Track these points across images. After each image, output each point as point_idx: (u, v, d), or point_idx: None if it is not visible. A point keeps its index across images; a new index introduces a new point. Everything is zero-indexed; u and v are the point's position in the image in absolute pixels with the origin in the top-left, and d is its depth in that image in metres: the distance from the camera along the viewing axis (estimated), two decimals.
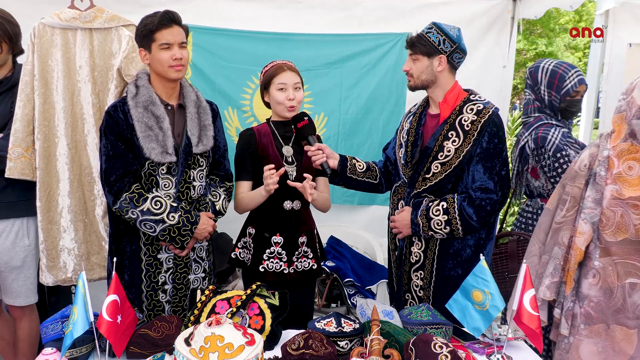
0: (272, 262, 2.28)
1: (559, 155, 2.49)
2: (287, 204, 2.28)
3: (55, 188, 2.55)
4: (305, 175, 2.19)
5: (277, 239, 2.29)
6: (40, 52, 2.48)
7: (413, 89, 2.28)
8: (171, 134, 2.11)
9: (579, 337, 1.97)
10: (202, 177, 2.22)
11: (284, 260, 2.29)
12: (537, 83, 2.61)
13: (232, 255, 2.37)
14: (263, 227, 2.29)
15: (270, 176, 2.12)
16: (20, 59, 2.56)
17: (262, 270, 2.28)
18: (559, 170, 2.49)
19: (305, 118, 2.27)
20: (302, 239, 2.33)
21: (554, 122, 2.57)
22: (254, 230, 2.32)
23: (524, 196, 2.80)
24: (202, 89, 3.25)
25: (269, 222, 2.29)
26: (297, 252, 2.32)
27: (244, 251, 2.34)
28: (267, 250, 2.28)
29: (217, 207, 2.28)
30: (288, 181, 2.19)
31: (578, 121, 4.00)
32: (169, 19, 2.05)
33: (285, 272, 2.29)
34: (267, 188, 2.14)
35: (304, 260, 2.34)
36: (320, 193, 2.35)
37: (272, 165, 2.16)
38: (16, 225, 2.50)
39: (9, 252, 2.49)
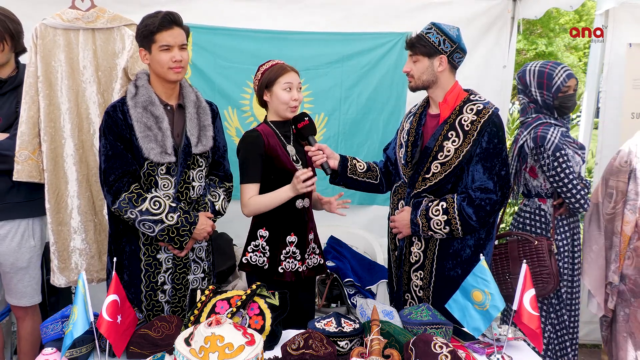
0: (288, 262, 2.28)
1: (558, 154, 2.49)
2: (299, 203, 2.28)
3: (64, 189, 2.56)
4: (337, 197, 2.32)
5: (291, 238, 2.28)
6: (43, 54, 2.48)
7: (414, 89, 2.28)
8: (170, 134, 2.11)
9: (633, 308, 2.49)
10: (201, 177, 2.22)
11: (298, 258, 2.29)
12: (528, 86, 2.63)
13: (243, 260, 2.33)
14: (278, 228, 2.28)
15: (306, 179, 2.14)
16: (22, 59, 2.55)
17: (281, 271, 2.27)
18: (558, 169, 2.49)
19: (306, 118, 2.27)
20: (311, 236, 2.36)
21: (552, 122, 2.57)
22: (267, 233, 2.30)
23: (521, 195, 2.79)
24: (202, 88, 3.24)
25: (284, 222, 2.27)
26: (307, 250, 2.33)
27: (256, 254, 2.30)
28: (283, 251, 2.28)
29: (217, 207, 2.27)
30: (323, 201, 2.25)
31: (578, 121, 4.00)
32: (169, 20, 2.04)
33: (300, 270, 2.30)
34: (300, 191, 2.16)
35: (313, 257, 2.37)
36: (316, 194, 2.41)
37: (306, 170, 2.17)
38: (22, 226, 2.50)
39: (14, 253, 2.49)
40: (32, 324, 2.62)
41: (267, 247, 2.29)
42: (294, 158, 2.29)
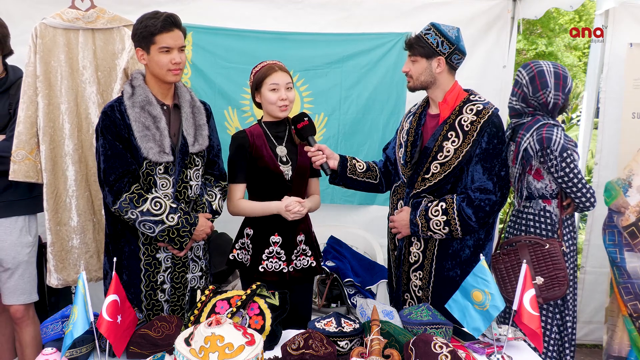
0: (271, 262, 2.29)
1: (565, 155, 2.43)
2: None
3: (63, 189, 2.56)
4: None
5: (275, 238, 2.29)
6: (42, 53, 2.47)
7: (412, 89, 2.28)
8: (168, 133, 2.11)
9: None
10: (198, 176, 2.23)
11: (283, 259, 2.30)
12: (544, 88, 2.49)
13: (230, 257, 2.37)
14: (261, 227, 2.30)
15: (294, 212, 2.21)
16: (19, 60, 2.55)
17: (262, 270, 2.28)
18: (567, 169, 2.43)
19: (305, 119, 2.27)
20: (300, 237, 2.34)
21: (552, 122, 2.53)
22: (252, 231, 2.32)
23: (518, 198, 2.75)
24: (202, 88, 3.26)
25: (268, 222, 2.29)
26: (295, 251, 2.33)
27: (242, 252, 2.35)
28: (266, 250, 2.29)
29: (214, 207, 2.28)
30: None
31: (578, 121, 3.99)
32: (171, 22, 2.05)
33: (285, 271, 2.30)
34: (288, 216, 2.22)
35: (303, 259, 2.36)
36: (312, 197, 2.42)
37: (295, 202, 2.23)
38: (19, 222, 2.51)
39: (15, 247, 2.49)
40: (35, 327, 2.61)
41: (251, 246, 2.31)
42: (284, 159, 2.29)
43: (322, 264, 3.14)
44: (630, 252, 2.50)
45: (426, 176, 2.21)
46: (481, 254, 1.94)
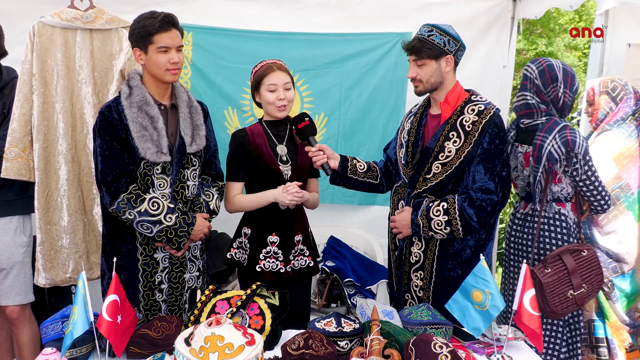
0: (268, 261, 2.29)
1: (587, 158, 2.36)
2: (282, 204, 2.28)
3: (55, 189, 2.55)
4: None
5: (273, 238, 2.29)
6: (39, 52, 2.47)
7: (422, 93, 2.25)
8: (165, 133, 2.11)
9: None
10: (195, 176, 2.23)
11: (280, 259, 2.30)
12: (554, 81, 2.43)
13: (228, 256, 2.38)
14: (259, 227, 2.30)
15: (292, 192, 2.21)
16: (19, 60, 2.55)
17: (259, 270, 2.29)
18: (589, 173, 2.37)
19: (306, 119, 2.27)
20: (298, 238, 2.35)
21: (568, 123, 2.48)
22: (249, 231, 2.32)
23: (517, 197, 2.73)
24: (202, 89, 3.26)
25: (265, 221, 2.29)
26: (293, 251, 2.33)
27: (240, 251, 2.35)
28: (264, 250, 2.29)
29: (211, 207, 2.29)
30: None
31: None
32: (168, 22, 2.05)
33: (282, 271, 2.30)
34: (284, 202, 2.22)
35: (301, 258, 2.36)
36: (312, 193, 2.42)
37: (293, 184, 2.23)
38: (14, 221, 2.50)
39: (9, 247, 2.49)
40: (31, 326, 2.60)
41: (249, 245, 2.31)
42: (284, 158, 2.30)
43: (322, 264, 3.16)
44: (597, 228, 2.75)
45: (427, 176, 2.21)
46: (482, 254, 1.94)
